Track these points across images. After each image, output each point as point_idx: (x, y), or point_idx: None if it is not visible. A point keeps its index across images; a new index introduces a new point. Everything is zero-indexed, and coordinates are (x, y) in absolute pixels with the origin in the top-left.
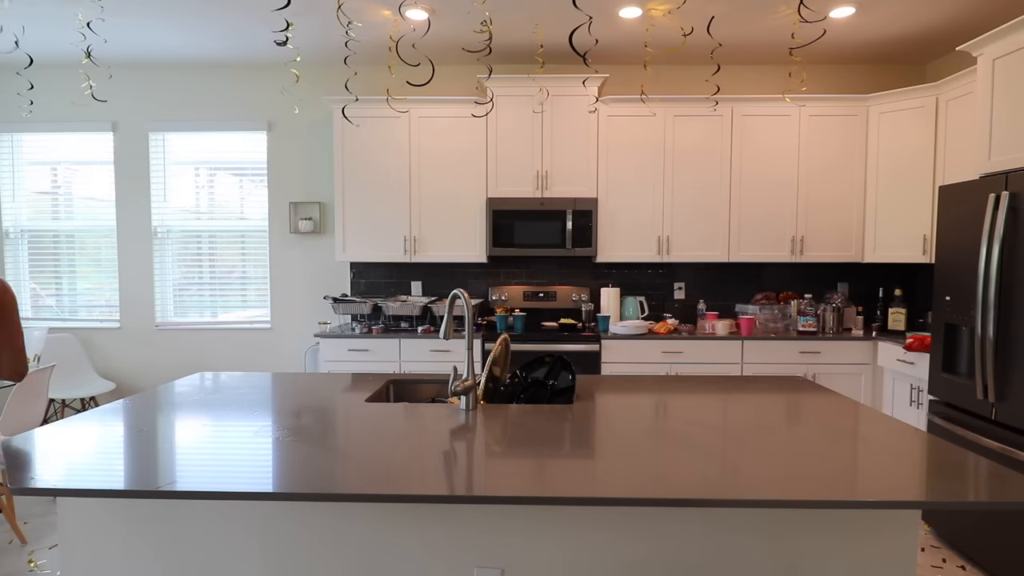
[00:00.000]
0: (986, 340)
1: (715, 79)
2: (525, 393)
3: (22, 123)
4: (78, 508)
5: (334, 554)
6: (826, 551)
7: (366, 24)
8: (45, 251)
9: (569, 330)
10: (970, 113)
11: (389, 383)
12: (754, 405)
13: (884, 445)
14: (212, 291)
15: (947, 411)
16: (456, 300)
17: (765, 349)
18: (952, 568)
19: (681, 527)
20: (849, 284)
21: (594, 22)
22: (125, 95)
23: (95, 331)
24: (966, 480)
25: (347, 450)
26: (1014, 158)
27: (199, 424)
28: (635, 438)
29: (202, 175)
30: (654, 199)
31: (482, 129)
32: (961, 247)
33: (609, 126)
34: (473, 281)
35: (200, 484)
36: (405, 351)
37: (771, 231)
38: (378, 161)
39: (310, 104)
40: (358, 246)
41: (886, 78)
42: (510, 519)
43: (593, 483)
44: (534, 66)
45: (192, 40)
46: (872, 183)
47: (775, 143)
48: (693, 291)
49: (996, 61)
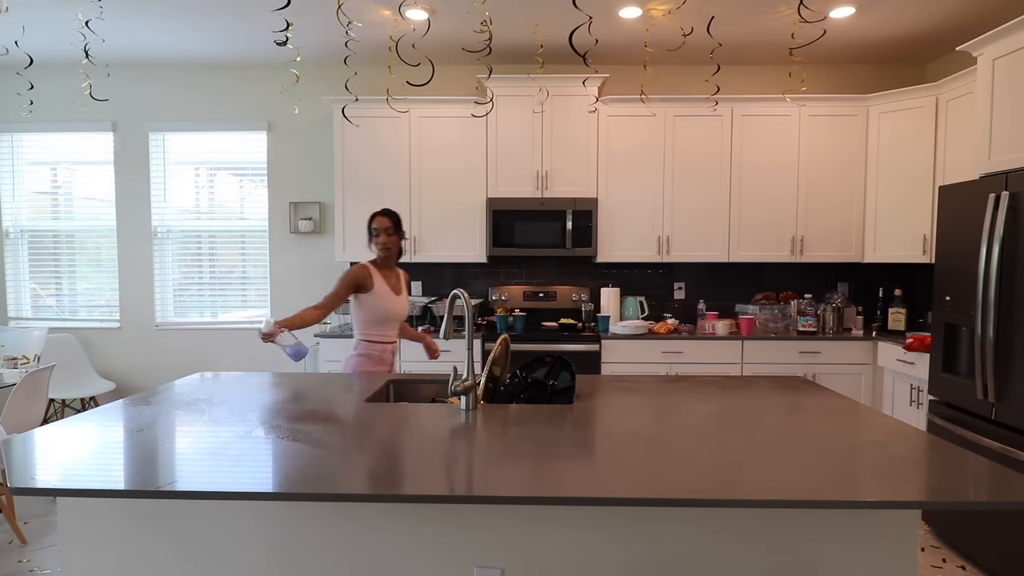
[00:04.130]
0: (986, 340)
1: (715, 79)
2: (525, 393)
3: (22, 123)
4: (78, 508)
5: (334, 554)
6: (826, 551)
7: (366, 24)
8: (45, 251)
9: (569, 330)
10: (970, 113)
11: (389, 383)
12: (754, 405)
13: (884, 445)
14: (212, 291)
15: (947, 411)
16: (456, 300)
17: (765, 349)
18: (952, 568)
19: (681, 527)
20: (849, 284)
21: (594, 22)
22: (125, 95)
23: (95, 331)
24: (966, 480)
25: (347, 450)
26: (1014, 158)
27: (199, 424)
28: (635, 438)
29: (202, 175)
30: (654, 199)
31: (482, 129)
32: (961, 247)
33: (609, 126)
34: (473, 281)
35: (200, 484)
36: (405, 351)
37: (771, 231)
38: (378, 161)
39: (310, 104)
40: (358, 246)
41: (886, 78)
42: (510, 519)
43: (593, 483)
44: (534, 66)
45: (192, 40)
46: (872, 183)
47: (775, 143)
48: (693, 291)
49: (996, 61)
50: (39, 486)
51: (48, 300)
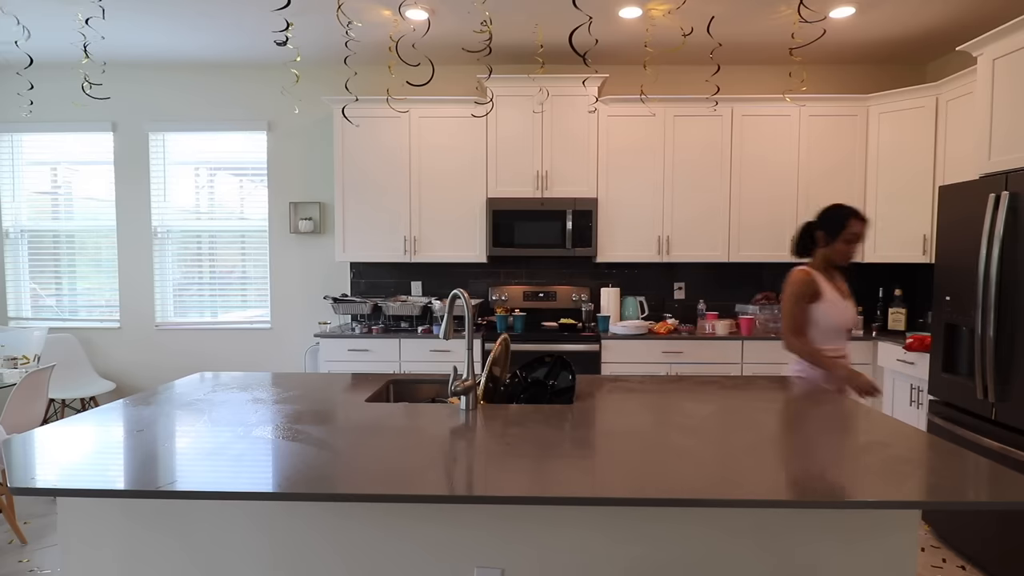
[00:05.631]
0: (986, 340)
1: (715, 79)
2: (525, 393)
3: (22, 123)
4: (78, 508)
5: (334, 554)
6: (826, 551)
7: (366, 24)
8: (45, 251)
9: (569, 330)
10: (970, 113)
11: (389, 383)
12: (754, 405)
13: (884, 445)
14: (212, 291)
15: (947, 411)
16: (456, 300)
17: (765, 349)
18: (952, 568)
19: (681, 527)
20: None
21: (594, 22)
22: (125, 95)
23: (95, 331)
24: (966, 480)
25: (347, 450)
26: (1014, 158)
27: (199, 424)
28: (635, 438)
29: (202, 175)
30: (654, 199)
31: (482, 129)
32: (961, 247)
33: (609, 126)
34: (473, 281)
35: (200, 484)
36: (405, 351)
37: (771, 231)
38: (378, 161)
39: (310, 104)
40: (358, 246)
41: (886, 78)
42: (510, 519)
43: (593, 483)
44: (534, 66)
45: (192, 40)
46: (872, 183)
47: (775, 143)
48: (693, 291)
49: (996, 61)
50: (39, 486)
51: (48, 300)
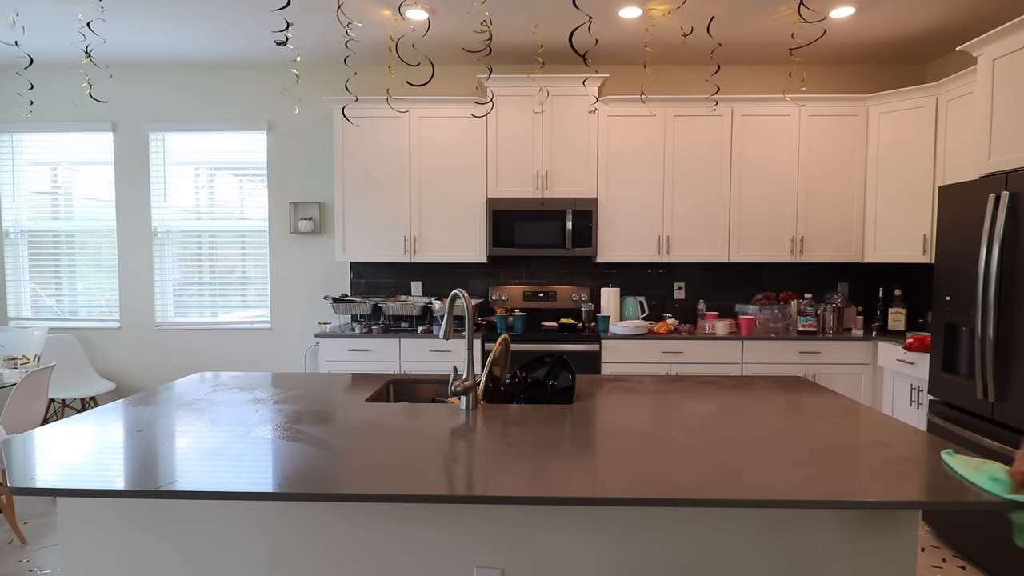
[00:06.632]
0: (986, 340)
1: (715, 79)
2: (525, 393)
3: (22, 123)
4: (78, 508)
5: (334, 554)
6: (826, 551)
7: (366, 24)
8: (45, 251)
9: (569, 330)
10: (970, 113)
11: (389, 383)
12: (754, 405)
13: (884, 445)
14: (212, 291)
15: (947, 411)
16: (456, 300)
17: (765, 349)
18: (952, 568)
19: (681, 527)
20: (849, 284)
21: (594, 22)
22: (125, 95)
23: (95, 331)
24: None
25: (347, 450)
26: (1014, 158)
27: (199, 424)
28: (635, 438)
29: (202, 175)
30: (654, 199)
31: (482, 129)
32: (961, 247)
33: (609, 126)
34: (473, 281)
35: (200, 484)
36: (405, 351)
37: (771, 231)
38: (378, 161)
39: (310, 104)
40: (358, 246)
41: (886, 78)
42: (510, 519)
43: (593, 483)
44: (534, 66)
45: (192, 40)
46: (872, 183)
47: (775, 143)
48: (693, 291)
49: (996, 61)
50: (39, 486)
51: (48, 300)
